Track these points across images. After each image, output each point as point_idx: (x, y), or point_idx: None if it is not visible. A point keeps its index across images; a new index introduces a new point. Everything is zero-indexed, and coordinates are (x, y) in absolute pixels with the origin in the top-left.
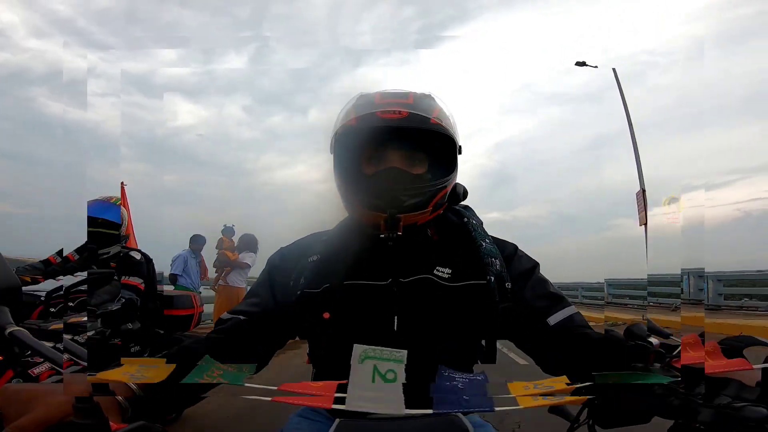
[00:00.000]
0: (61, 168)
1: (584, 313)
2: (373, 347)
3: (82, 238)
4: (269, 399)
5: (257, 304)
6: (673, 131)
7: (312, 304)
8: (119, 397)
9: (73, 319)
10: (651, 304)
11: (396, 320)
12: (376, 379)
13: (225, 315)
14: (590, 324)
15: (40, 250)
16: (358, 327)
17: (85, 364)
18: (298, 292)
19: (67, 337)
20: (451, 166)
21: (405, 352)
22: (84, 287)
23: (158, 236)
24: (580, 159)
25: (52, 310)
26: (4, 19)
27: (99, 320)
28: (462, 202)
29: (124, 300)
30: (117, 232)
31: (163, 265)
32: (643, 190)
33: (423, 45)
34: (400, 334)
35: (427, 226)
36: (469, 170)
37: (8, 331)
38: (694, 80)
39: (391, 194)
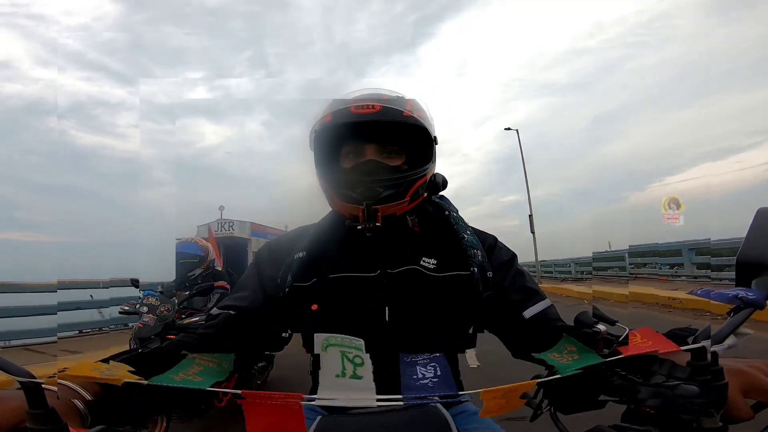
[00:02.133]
0: (107, 198)
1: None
2: (333, 335)
3: (133, 260)
4: (240, 392)
5: (245, 298)
6: (689, 99)
7: (302, 297)
8: (78, 404)
9: (186, 321)
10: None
11: (387, 310)
12: (346, 365)
13: (214, 310)
14: None
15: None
16: (351, 318)
17: (20, 378)
18: (287, 289)
19: None
20: (428, 157)
21: (362, 341)
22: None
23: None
24: (584, 137)
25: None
26: (8, 51)
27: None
28: (441, 193)
29: (218, 294)
30: (197, 260)
31: None
32: (531, 215)
33: (420, 42)
34: (392, 323)
35: (408, 215)
36: (482, 157)
37: None
38: (702, 47)
39: (367, 186)
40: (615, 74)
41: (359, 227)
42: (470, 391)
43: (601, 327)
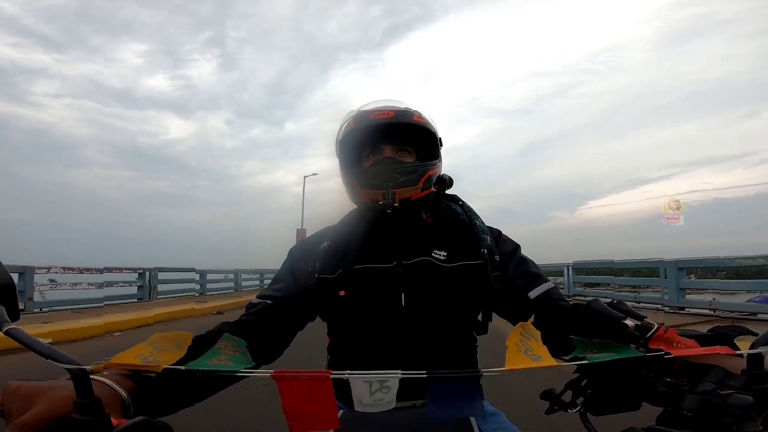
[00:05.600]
0: (6, 171)
1: None
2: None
3: (29, 238)
4: (270, 373)
5: (281, 289)
6: (616, 131)
7: (330, 287)
8: (122, 394)
9: None
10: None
11: (403, 297)
12: (373, 385)
13: (254, 300)
14: None
15: None
16: (371, 303)
17: (69, 366)
18: (316, 276)
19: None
20: (435, 155)
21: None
22: None
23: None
24: (515, 162)
25: None
26: None
27: None
28: (450, 192)
29: None
30: None
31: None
32: None
33: (388, 45)
34: (408, 308)
35: (421, 208)
36: None
37: (5, 329)
38: (637, 82)
39: (386, 173)
40: (565, 99)
41: (380, 203)
42: (492, 370)
43: (629, 322)
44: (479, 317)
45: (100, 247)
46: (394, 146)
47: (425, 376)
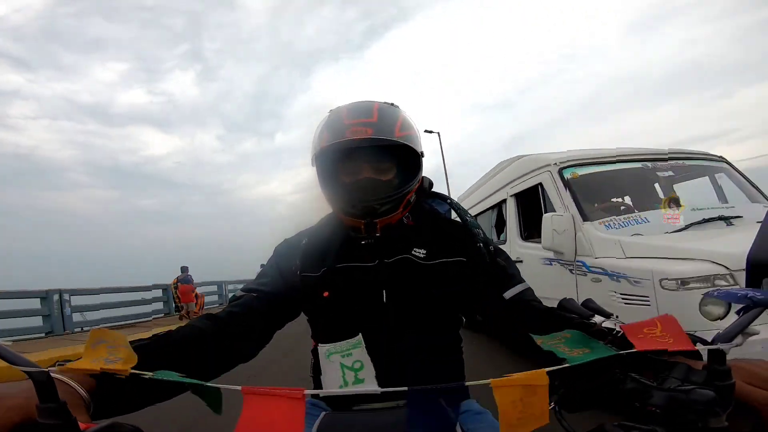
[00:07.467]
0: None
1: None
2: (333, 344)
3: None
4: (239, 388)
5: (267, 284)
6: (597, 116)
7: (314, 286)
8: (83, 393)
9: None
10: None
11: (384, 293)
12: (346, 374)
13: (238, 292)
14: None
15: None
16: (354, 301)
17: (29, 369)
18: (299, 273)
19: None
20: (416, 169)
21: (359, 336)
22: None
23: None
24: (500, 156)
25: None
26: None
27: None
28: (437, 189)
29: None
30: None
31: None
32: None
33: (367, 46)
34: (389, 303)
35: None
36: None
37: None
38: (614, 68)
39: (366, 204)
40: (546, 89)
41: (363, 243)
42: (476, 382)
43: (597, 319)
44: (458, 313)
45: (85, 271)
46: (373, 164)
47: (407, 388)
